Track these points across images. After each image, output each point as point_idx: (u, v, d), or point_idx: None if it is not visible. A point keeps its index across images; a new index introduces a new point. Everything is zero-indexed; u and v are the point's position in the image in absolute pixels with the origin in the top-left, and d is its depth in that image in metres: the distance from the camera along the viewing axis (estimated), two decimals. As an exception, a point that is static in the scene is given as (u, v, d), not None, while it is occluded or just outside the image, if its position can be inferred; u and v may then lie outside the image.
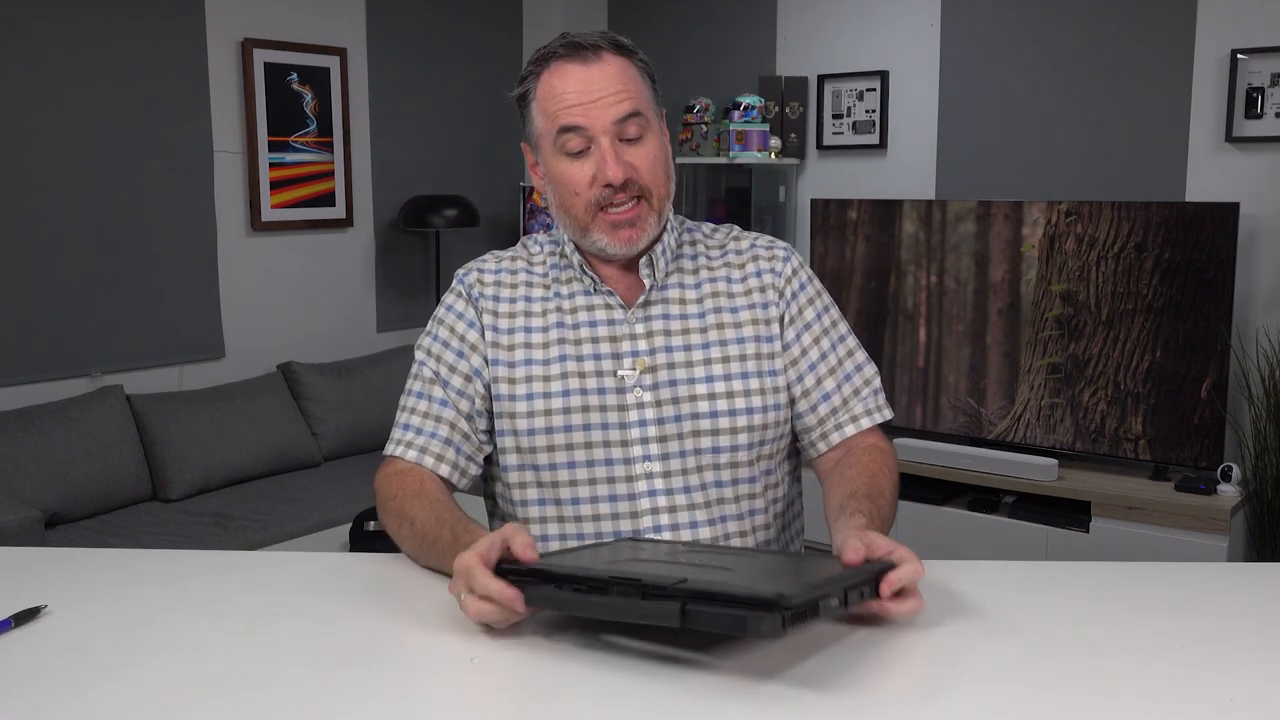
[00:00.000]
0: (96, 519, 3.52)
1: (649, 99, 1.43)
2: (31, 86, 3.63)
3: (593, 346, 1.45)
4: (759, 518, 1.46)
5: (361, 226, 4.66)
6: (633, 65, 1.42)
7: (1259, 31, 3.62)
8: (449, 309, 1.50)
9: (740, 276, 1.50)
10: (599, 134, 1.38)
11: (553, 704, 0.98)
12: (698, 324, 1.46)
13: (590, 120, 1.38)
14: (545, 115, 1.41)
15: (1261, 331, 3.65)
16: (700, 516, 1.42)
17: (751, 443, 1.44)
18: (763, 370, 1.46)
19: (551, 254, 1.52)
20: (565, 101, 1.39)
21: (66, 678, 1.04)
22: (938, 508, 3.85)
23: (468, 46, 4.98)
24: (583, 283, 1.47)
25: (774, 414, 1.46)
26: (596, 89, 1.38)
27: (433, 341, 1.49)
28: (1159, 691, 0.98)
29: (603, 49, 1.40)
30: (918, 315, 4.15)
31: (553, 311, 1.47)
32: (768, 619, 0.92)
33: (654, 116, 1.44)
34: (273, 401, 4.09)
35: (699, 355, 1.45)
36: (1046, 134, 4.07)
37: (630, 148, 1.40)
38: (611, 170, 1.37)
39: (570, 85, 1.39)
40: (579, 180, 1.40)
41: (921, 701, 0.97)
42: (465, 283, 1.50)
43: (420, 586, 1.29)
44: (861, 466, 1.42)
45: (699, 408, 1.43)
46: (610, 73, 1.39)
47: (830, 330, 1.51)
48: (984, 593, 1.23)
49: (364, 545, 3.40)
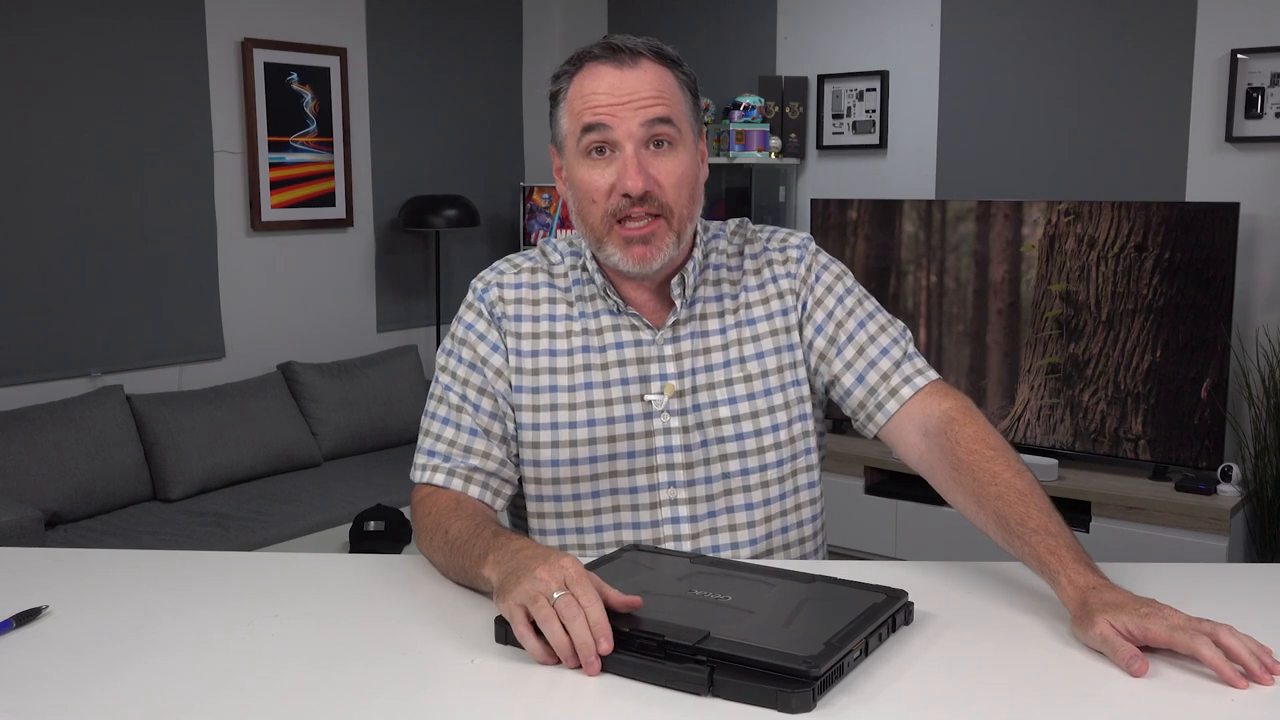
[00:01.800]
0: (96, 519, 3.52)
1: (685, 111, 1.36)
2: (32, 86, 3.63)
3: (620, 370, 1.39)
4: (776, 539, 1.42)
5: (361, 226, 4.66)
6: (673, 75, 1.36)
7: (1259, 31, 3.62)
8: (469, 328, 1.43)
9: (757, 284, 1.45)
10: (624, 139, 1.31)
11: (553, 704, 0.98)
12: (719, 340, 1.41)
13: (616, 121, 1.31)
14: (572, 115, 1.35)
15: (1261, 331, 3.65)
16: (723, 540, 1.39)
17: (781, 459, 1.41)
18: (785, 383, 1.42)
19: (574, 267, 1.44)
20: (593, 101, 1.32)
21: (67, 678, 1.04)
22: (938, 507, 3.85)
23: (468, 46, 4.98)
24: (607, 302, 1.41)
25: (800, 425, 1.42)
26: (628, 92, 1.31)
27: (457, 363, 1.42)
28: (1159, 692, 0.98)
29: (643, 55, 1.34)
30: (918, 315, 4.15)
31: (578, 334, 1.40)
32: (798, 695, 0.93)
33: (689, 130, 1.36)
34: (273, 401, 4.08)
35: (720, 375, 1.40)
36: (1046, 134, 4.07)
37: (657, 159, 1.33)
38: (631, 179, 1.30)
39: (601, 86, 1.32)
40: (597, 187, 1.33)
41: (921, 701, 0.97)
42: (485, 300, 1.43)
43: (421, 587, 1.28)
44: (983, 470, 1.26)
45: (724, 431, 1.38)
46: (646, 78, 1.33)
47: (857, 309, 1.45)
48: (984, 593, 1.23)
49: (364, 545, 3.41)
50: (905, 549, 3.95)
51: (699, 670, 0.96)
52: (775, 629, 1.05)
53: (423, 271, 4.90)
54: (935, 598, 1.19)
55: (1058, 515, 1.20)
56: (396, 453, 4.30)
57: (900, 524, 3.98)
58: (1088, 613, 1.06)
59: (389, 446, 4.39)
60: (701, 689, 0.96)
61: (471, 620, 1.15)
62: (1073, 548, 1.15)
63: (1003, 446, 1.30)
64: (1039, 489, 1.24)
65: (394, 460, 4.18)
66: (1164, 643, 1.02)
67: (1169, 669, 1.02)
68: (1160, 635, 1.01)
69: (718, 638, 0.99)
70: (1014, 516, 1.20)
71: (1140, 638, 1.02)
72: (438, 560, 1.30)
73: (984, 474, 1.26)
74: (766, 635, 1.02)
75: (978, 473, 1.27)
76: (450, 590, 1.26)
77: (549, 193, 4.89)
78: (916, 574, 1.27)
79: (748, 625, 1.04)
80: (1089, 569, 1.13)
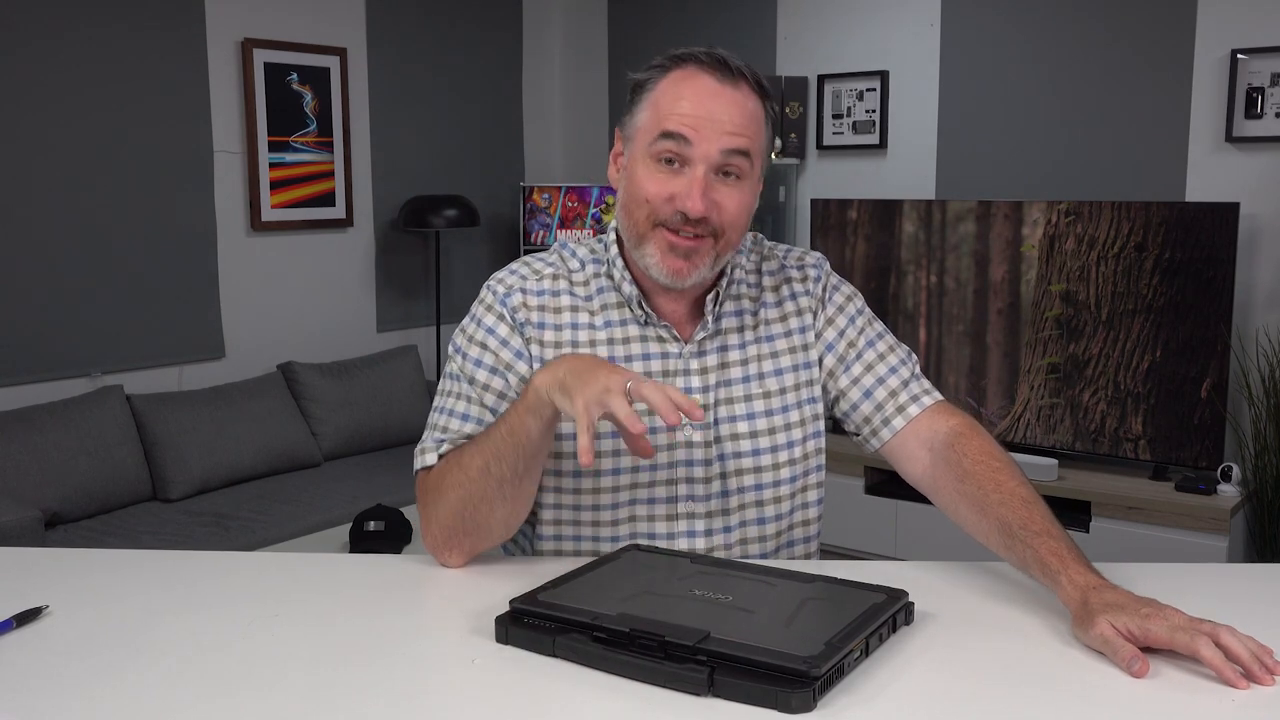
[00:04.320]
0: (96, 519, 3.52)
1: (762, 147, 1.34)
2: (31, 86, 3.63)
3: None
4: (784, 551, 1.44)
5: (361, 226, 4.65)
6: (763, 110, 1.34)
7: (1259, 31, 3.62)
8: (490, 332, 1.38)
9: (775, 300, 1.45)
10: (699, 159, 1.28)
11: (553, 704, 0.98)
12: (738, 356, 1.41)
13: (698, 139, 1.28)
14: (656, 110, 1.31)
15: (1261, 331, 3.65)
16: (735, 553, 1.40)
17: (794, 475, 1.42)
18: (801, 400, 1.43)
19: (596, 275, 1.41)
20: (684, 108, 1.28)
21: (67, 678, 1.04)
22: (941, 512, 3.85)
23: (468, 46, 4.98)
24: (635, 313, 1.39)
25: (813, 442, 1.44)
26: (720, 112, 1.28)
27: (475, 366, 1.38)
28: (1159, 692, 0.98)
29: (746, 79, 1.31)
30: (918, 315, 4.15)
31: (602, 344, 1.38)
32: (798, 695, 0.93)
33: (759, 166, 1.35)
34: (273, 401, 4.08)
35: (739, 391, 1.40)
36: (1046, 134, 4.07)
37: (723, 186, 1.30)
38: (694, 202, 1.27)
39: (698, 94, 1.29)
40: (656, 192, 1.30)
41: (921, 701, 0.97)
42: (508, 305, 1.39)
43: (421, 587, 1.29)
44: (988, 479, 1.28)
45: (741, 446, 1.39)
46: (741, 103, 1.30)
47: (867, 328, 1.46)
48: (985, 593, 1.23)
49: (364, 545, 3.41)
50: (905, 549, 3.95)
51: (699, 670, 0.96)
52: (776, 629, 1.05)
53: (423, 271, 4.90)
54: (935, 598, 1.19)
55: (1059, 523, 1.22)
56: (396, 453, 4.30)
57: (900, 524, 3.99)
58: (1088, 613, 1.06)
59: (389, 446, 4.39)
60: (702, 689, 0.96)
61: (471, 620, 1.15)
62: (1073, 550, 1.16)
63: (1008, 461, 1.32)
64: (1041, 500, 1.26)
65: (394, 460, 4.19)
66: (1165, 643, 1.02)
67: (1169, 669, 1.02)
68: (1161, 635, 1.02)
69: (718, 638, 1.00)
70: (1017, 521, 1.21)
71: (1141, 638, 1.02)
72: (469, 474, 1.28)
73: (989, 482, 1.28)
74: (767, 635, 1.02)
75: (983, 481, 1.28)
76: (450, 591, 1.27)
77: (549, 193, 4.89)
78: (916, 574, 1.27)
79: (748, 625, 1.04)
80: (1090, 570, 1.13)
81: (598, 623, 1.04)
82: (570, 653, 1.04)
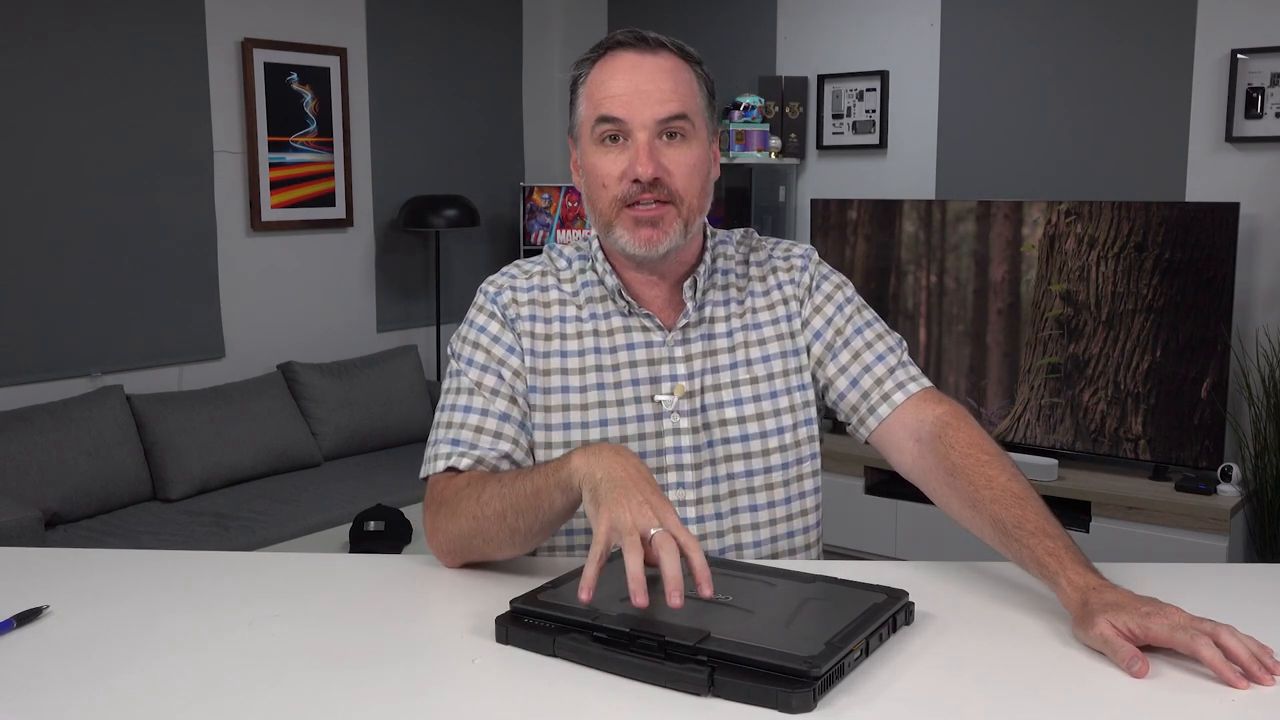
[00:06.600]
0: (96, 519, 3.52)
1: (700, 108, 1.37)
2: (32, 87, 3.63)
3: (630, 371, 1.40)
4: (781, 543, 1.43)
5: (361, 226, 4.66)
6: (691, 71, 1.37)
7: (1259, 31, 3.62)
8: (482, 331, 1.42)
9: (763, 290, 1.46)
10: (637, 129, 1.32)
11: (553, 704, 0.98)
12: (725, 343, 1.43)
13: (631, 114, 1.32)
14: (590, 102, 1.36)
15: (1261, 331, 3.65)
16: (729, 542, 1.40)
17: (786, 462, 1.42)
18: (791, 386, 1.43)
19: (582, 270, 1.45)
20: (611, 90, 1.33)
21: (67, 678, 1.04)
22: (938, 508, 3.85)
23: (468, 46, 4.98)
24: (617, 304, 1.42)
25: (805, 429, 1.43)
26: (646, 83, 1.33)
27: (468, 365, 1.41)
28: (1159, 692, 0.98)
29: (665, 46, 1.36)
30: (918, 315, 4.15)
31: (589, 335, 1.41)
32: (798, 695, 0.93)
33: (703, 127, 1.37)
34: (273, 401, 4.08)
35: (727, 377, 1.41)
36: (1046, 134, 4.07)
37: (669, 148, 1.34)
38: (642, 165, 1.31)
39: (623, 72, 1.34)
40: (609, 172, 1.34)
41: (921, 701, 0.97)
42: (499, 303, 1.43)
43: (421, 587, 1.29)
44: (978, 474, 1.26)
45: (730, 432, 1.40)
46: (665, 69, 1.34)
47: (855, 316, 1.46)
48: (984, 593, 1.23)
49: (364, 545, 3.40)
50: (905, 549, 3.95)
51: (699, 670, 0.97)
52: (776, 629, 1.05)
53: (423, 271, 4.90)
54: (935, 598, 1.19)
55: (1054, 518, 1.20)
56: (397, 453, 4.31)
57: (900, 524, 3.99)
58: (1088, 613, 1.06)
59: (389, 446, 4.39)
60: (702, 689, 0.96)
61: (471, 620, 1.14)
62: (1071, 549, 1.15)
63: (996, 451, 1.30)
64: (1035, 493, 1.24)
65: (394, 460, 4.19)
66: (1165, 642, 1.02)
67: (1169, 669, 1.02)
68: (1161, 635, 1.02)
69: (718, 638, 0.99)
70: (1011, 520, 1.20)
71: (1141, 637, 1.02)
72: (489, 509, 1.26)
73: (979, 479, 1.26)
74: (767, 635, 1.02)
75: (973, 477, 1.27)
76: (450, 591, 1.27)
77: (549, 193, 4.89)
78: (916, 574, 1.27)
79: (748, 625, 1.04)
80: (1088, 569, 1.13)
81: (598, 623, 1.04)
82: (570, 653, 1.04)
